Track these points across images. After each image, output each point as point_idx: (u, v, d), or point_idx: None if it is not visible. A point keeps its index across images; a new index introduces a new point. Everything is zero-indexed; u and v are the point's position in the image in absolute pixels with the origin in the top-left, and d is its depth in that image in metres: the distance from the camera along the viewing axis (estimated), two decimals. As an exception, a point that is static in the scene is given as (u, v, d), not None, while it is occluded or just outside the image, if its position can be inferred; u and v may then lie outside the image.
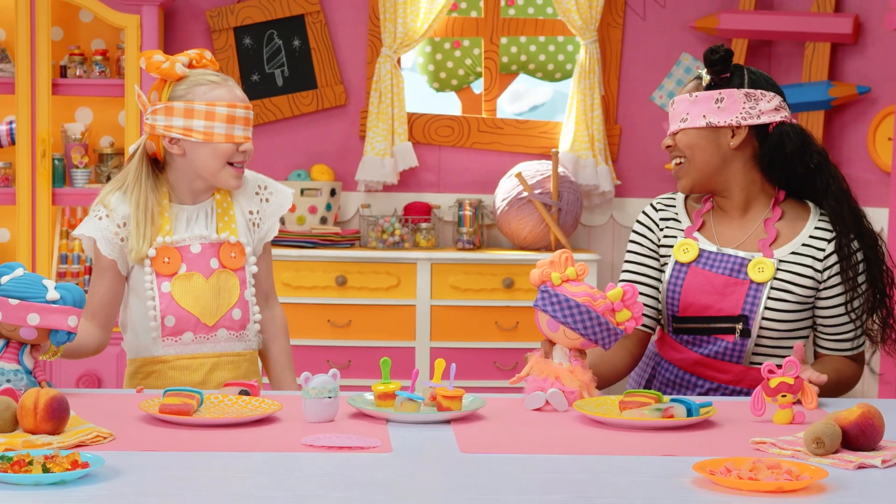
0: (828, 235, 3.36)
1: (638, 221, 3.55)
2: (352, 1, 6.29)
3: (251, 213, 3.42)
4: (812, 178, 3.39)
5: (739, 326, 3.34)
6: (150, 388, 3.23)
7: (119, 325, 3.38)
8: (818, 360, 3.41)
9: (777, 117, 3.34)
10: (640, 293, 3.44)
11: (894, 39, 5.82)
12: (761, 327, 3.33)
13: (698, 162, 3.35)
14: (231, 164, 3.29)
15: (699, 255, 3.39)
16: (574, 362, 3.03)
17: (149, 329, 3.29)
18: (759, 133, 3.35)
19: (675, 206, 3.52)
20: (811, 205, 3.43)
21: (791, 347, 3.29)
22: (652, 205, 3.55)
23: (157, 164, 3.36)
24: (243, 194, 3.43)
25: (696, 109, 3.33)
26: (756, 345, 3.34)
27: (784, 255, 3.35)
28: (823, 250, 3.34)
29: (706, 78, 3.34)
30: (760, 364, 3.07)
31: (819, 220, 3.38)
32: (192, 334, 3.30)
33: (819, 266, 3.34)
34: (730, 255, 3.36)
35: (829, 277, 3.34)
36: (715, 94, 3.33)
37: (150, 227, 3.27)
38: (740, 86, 3.33)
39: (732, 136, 3.34)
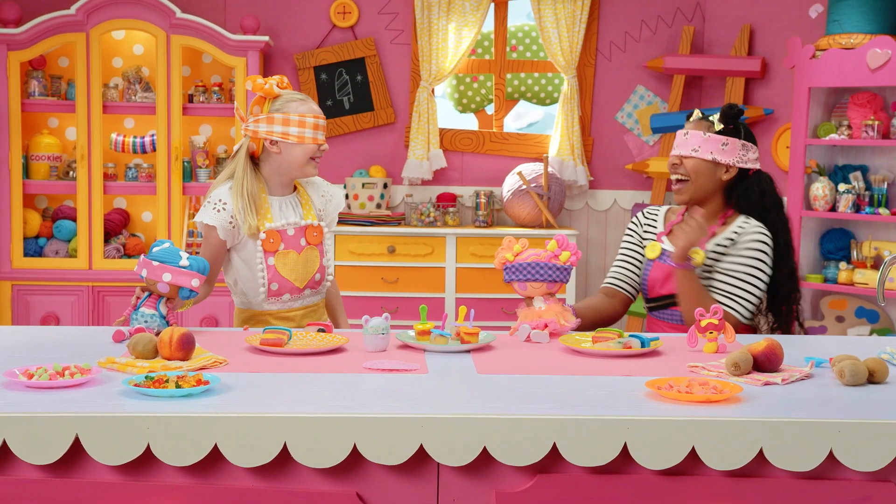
0: (738, 231, 3.32)
1: (631, 222, 3.58)
2: (399, 47, 6.27)
3: (320, 210, 3.42)
4: (765, 212, 3.36)
5: None
6: None
7: (229, 284, 3.38)
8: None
9: (757, 165, 3.39)
10: (626, 267, 3.52)
11: (790, 75, 5.79)
12: None
13: (699, 184, 3.34)
14: (312, 158, 3.29)
15: (661, 254, 3.40)
16: (548, 302, 3.04)
17: (258, 291, 3.28)
18: (741, 172, 3.37)
19: (656, 217, 3.54)
20: (742, 215, 3.38)
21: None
22: (643, 212, 3.58)
23: (253, 160, 3.34)
24: (316, 194, 3.42)
25: (707, 146, 3.32)
26: None
27: (712, 245, 3.34)
28: (733, 240, 3.32)
29: (719, 125, 3.34)
30: None
31: (741, 222, 3.34)
32: (289, 295, 3.29)
33: (727, 247, 3.32)
34: None
35: (732, 253, 3.30)
36: (722, 138, 3.32)
37: (253, 209, 3.25)
38: (739, 137, 3.34)
39: (726, 172, 3.34)
